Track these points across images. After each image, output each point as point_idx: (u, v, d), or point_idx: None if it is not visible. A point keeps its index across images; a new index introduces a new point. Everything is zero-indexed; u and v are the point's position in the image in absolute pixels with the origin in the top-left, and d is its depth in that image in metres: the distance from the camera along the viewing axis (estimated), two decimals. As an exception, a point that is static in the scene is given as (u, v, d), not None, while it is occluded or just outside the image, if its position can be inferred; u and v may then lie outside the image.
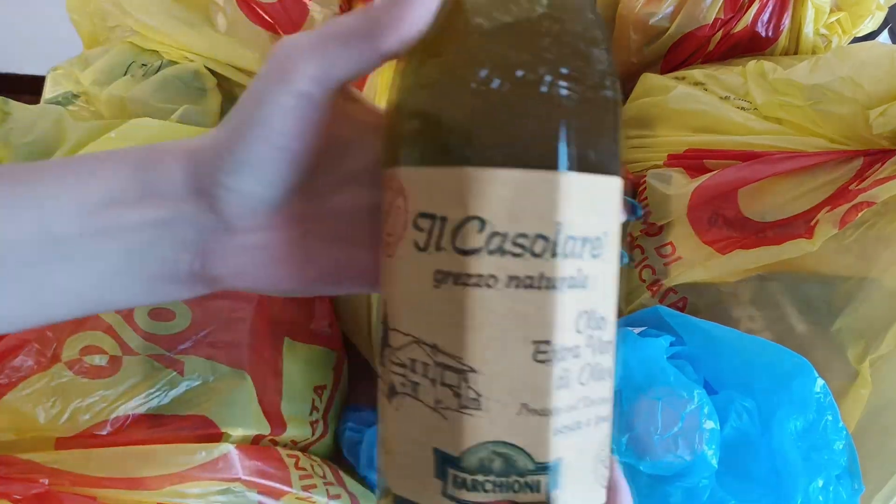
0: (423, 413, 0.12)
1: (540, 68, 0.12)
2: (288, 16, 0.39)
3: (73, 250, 0.14)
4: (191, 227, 0.14)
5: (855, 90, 0.28)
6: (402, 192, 0.12)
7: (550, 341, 0.12)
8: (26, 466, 0.21)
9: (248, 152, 0.13)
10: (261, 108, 0.13)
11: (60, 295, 0.14)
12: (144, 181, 0.14)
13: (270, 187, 0.14)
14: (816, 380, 0.23)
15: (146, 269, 0.14)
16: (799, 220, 0.28)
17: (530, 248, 0.11)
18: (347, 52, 0.13)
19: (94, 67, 0.36)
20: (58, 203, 0.14)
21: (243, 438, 0.26)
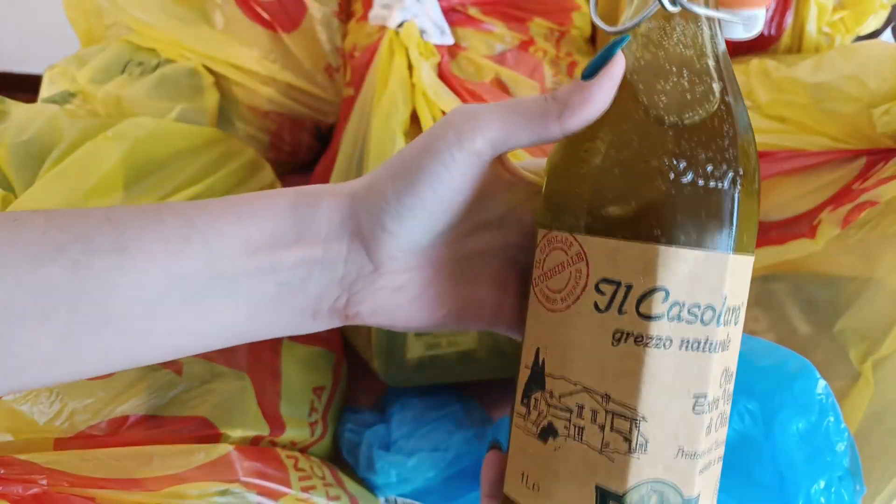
0: (587, 454, 0.14)
1: (723, 166, 0.14)
2: (286, 13, 0.39)
3: (234, 286, 0.15)
4: (343, 267, 0.16)
5: (859, 89, 0.27)
6: (583, 258, 0.14)
7: (706, 395, 0.14)
8: (24, 467, 0.21)
9: (415, 200, 0.15)
10: (433, 160, 0.15)
11: (216, 326, 0.15)
12: (302, 222, 0.15)
13: (426, 234, 0.16)
14: (818, 381, 0.23)
15: (295, 304, 0.16)
16: (802, 219, 0.28)
17: (701, 316, 0.14)
18: (528, 126, 0.15)
19: (91, 66, 0.36)
20: (222, 242, 0.15)
21: (242, 439, 0.26)
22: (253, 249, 0.15)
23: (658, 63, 0.15)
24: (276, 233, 0.15)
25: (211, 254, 0.15)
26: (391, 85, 0.31)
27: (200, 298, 0.15)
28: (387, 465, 0.28)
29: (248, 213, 0.15)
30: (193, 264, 0.14)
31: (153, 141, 0.29)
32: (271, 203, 0.16)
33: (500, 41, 0.39)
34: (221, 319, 0.15)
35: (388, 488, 0.28)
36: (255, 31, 0.38)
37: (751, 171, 0.14)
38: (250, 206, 0.15)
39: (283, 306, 0.16)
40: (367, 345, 0.32)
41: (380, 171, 0.16)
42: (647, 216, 0.14)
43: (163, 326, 0.14)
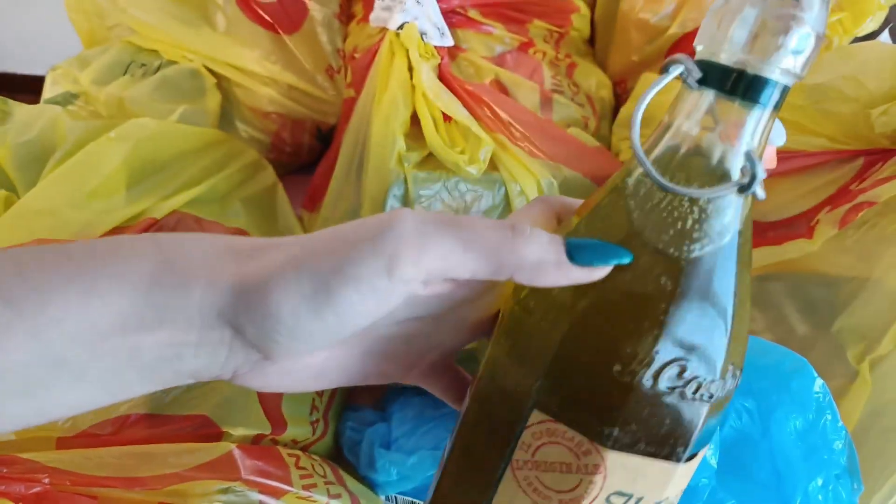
0: None
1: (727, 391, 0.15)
2: (287, 15, 0.39)
3: (81, 373, 0.12)
4: (226, 353, 0.13)
5: (856, 89, 0.28)
6: (601, 471, 0.14)
7: None
8: (27, 466, 0.21)
9: (318, 325, 0.12)
10: (350, 287, 0.12)
11: (66, 406, 0.13)
12: (164, 308, 0.12)
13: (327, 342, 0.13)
14: (816, 379, 0.23)
15: (165, 377, 0.13)
16: (800, 220, 0.28)
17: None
18: (477, 263, 0.12)
19: (93, 67, 0.36)
20: (58, 330, 0.12)
21: (244, 438, 0.26)
22: (101, 335, 0.12)
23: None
24: (129, 318, 0.12)
25: (44, 344, 0.12)
26: (391, 86, 0.31)
27: (40, 390, 0.12)
28: (388, 463, 0.28)
29: (89, 293, 0.12)
30: (22, 357, 0.12)
31: (155, 142, 0.29)
32: (120, 281, 0.12)
33: (499, 43, 0.39)
34: (72, 402, 0.13)
35: (388, 486, 0.28)
36: (257, 32, 0.38)
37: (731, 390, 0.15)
38: (93, 285, 0.12)
39: (150, 382, 0.13)
40: (368, 344, 0.32)
41: (274, 271, 0.12)
42: (673, 433, 0.14)
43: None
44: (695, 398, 0.14)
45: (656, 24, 0.38)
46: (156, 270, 0.13)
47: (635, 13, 0.39)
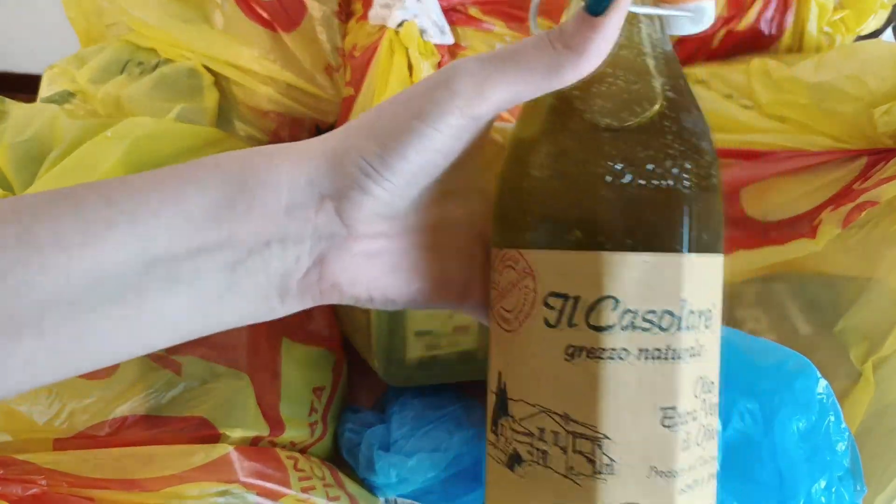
0: (552, 479, 0.13)
1: (666, 163, 0.13)
2: (286, 13, 0.39)
3: (174, 274, 0.13)
4: (311, 235, 0.14)
5: (859, 88, 0.27)
6: (531, 273, 0.14)
7: (676, 407, 0.13)
8: (24, 467, 0.21)
9: (403, 164, 0.13)
10: (429, 124, 0.13)
11: (158, 324, 0.13)
12: (255, 187, 0.13)
13: (405, 198, 0.14)
14: (819, 380, 0.23)
15: (256, 288, 0.14)
16: (802, 219, 0.28)
17: (658, 323, 0.13)
18: (541, 81, 0.13)
19: (91, 65, 0.36)
20: (154, 222, 0.12)
21: (242, 440, 0.26)
22: (194, 227, 0.13)
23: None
24: (222, 203, 0.13)
25: (141, 239, 0.12)
26: (391, 84, 0.31)
27: (133, 294, 0.12)
28: (387, 465, 0.28)
29: (184, 183, 0.13)
30: (121, 254, 0.12)
31: (153, 141, 0.29)
32: (213, 168, 0.13)
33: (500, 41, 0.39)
34: (162, 316, 0.13)
35: (388, 489, 0.28)
36: (255, 30, 0.38)
37: (702, 168, 0.14)
38: (187, 175, 0.13)
39: (241, 292, 0.13)
40: (367, 345, 0.32)
41: (357, 129, 0.14)
42: (589, 223, 0.13)
43: (92, 330, 0.12)
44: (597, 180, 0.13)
45: (657, 22, 0.38)
46: (243, 159, 0.13)
47: (636, 11, 0.38)
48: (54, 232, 0.12)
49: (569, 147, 0.14)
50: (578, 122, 0.14)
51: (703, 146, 0.14)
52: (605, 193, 0.13)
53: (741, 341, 0.25)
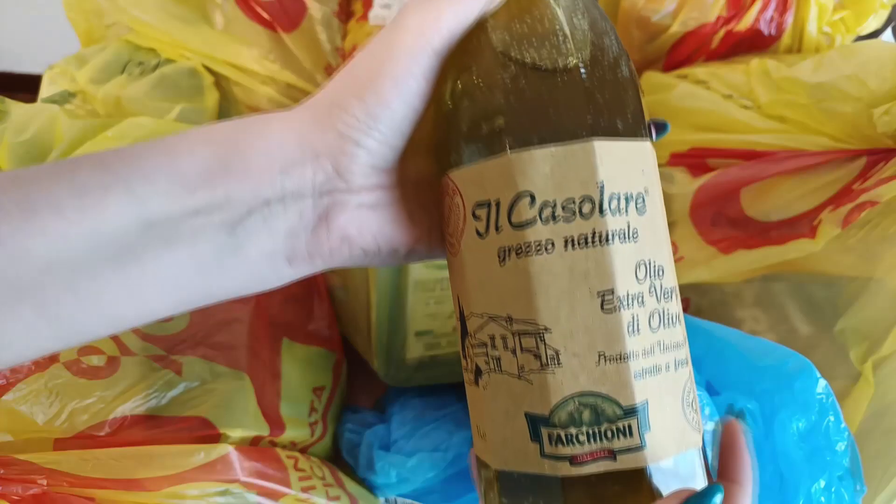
0: (509, 384, 0.13)
1: (559, 57, 0.13)
2: (286, 13, 0.39)
3: (172, 235, 0.13)
4: (311, 192, 0.14)
5: (859, 88, 0.27)
6: (458, 191, 0.14)
7: (613, 290, 0.13)
8: (24, 467, 0.21)
9: (385, 111, 0.14)
10: (399, 66, 0.14)
11: (160, 288, 0.13)
12: (247, 149, 0.13)
13: (393, 148, 0.14)
14: (819, 380, 0.23)
15: (260, 249, 0.14)
16: (802, 219, 0.28)
17: (579, 210, 0.13)
18: (467, 4, 0.14)
19: (91, 66, 0.36)
20: (150, 184, 0.12)
21: (242, 439, 0.26)
22: (189, 187, 0.13)
23: None
24: (215, 165, 0.13)
25: (137, 201, 0.12)
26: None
27: (132, 257, 0.12)
28: (387, 465, 0.28)
29: (176, 149, 0.13)
30: (117, 217, 0.12)
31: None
32: (204, 135, 0.13)
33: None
34: (163, 279, 0.13)
35: (388, 488, 0.28)
36: (255, 30, 0.38)
37: (602, 58, 0.14)
38: (178, 142, 0.13)
39: (244, 254, 0.13)
40: (367, 345, 0.32)
41: (337, 87, 0.14)
42: (496, 129, 0.13)
43: (92, 295, 0.12)
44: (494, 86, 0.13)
45: (657, 22, 0.38)
46: (234, 124, 0.14)
47: (636, 11, 0.38)
48: (51, 199, 0.12)
49: (471, 64, 0.14)
50: (477, 41, 0.14)
51: (601, 40, 0.14)
52: (503, 96, 0.13)
53: (741, 341, 0.25)
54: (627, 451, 0.12)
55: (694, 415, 0.14)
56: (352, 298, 0.32)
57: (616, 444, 0.12)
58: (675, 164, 0.33)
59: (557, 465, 0.13)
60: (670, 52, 0.39)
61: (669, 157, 0.34)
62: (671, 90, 0.34)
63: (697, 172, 0.32)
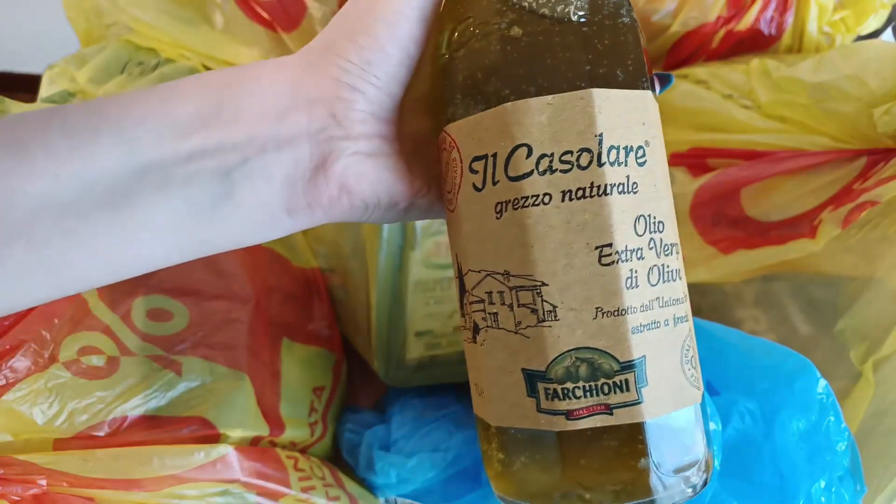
0: (506, 339, 0.13)
1: (556, 7, 0.13)
2: (286, 13, 0.39)
3: (165, 180, 0.12)
4: (307, 139, 0.14)
5: (859, 88, 0.27)
6: (455, 145, 0.14)
7: (612, 244, 0.12)
8: (24, 467, 0.21)
9: (380, 55, 0.13)
10: (389, 6, 0.13)
11: (152, 234, 0.13)
12: (240, 95, 0.13)
13: (391, 93, 0.14)
14: (819, 380, 0.23)
15: (257, 198, 0.13)
16: (802, 219, 0.28)
17: (576, 161, 0.12)
18: None
19: (91, 66, 0.36)
20: (142, 128, 0.12)
21: (242, 440, 0.26)
22: (182, 132, 0.13)
23: None
24: (208, 110, 0.13)
25: (129, 144, 0.12)
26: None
27: (124, 201, 0.12)
28: (387, 465, 0.28)
29: (169, 94, 0.13)
30: (108, 159, 0.12)
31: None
32: (196, 81, 0.13)
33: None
34: (157, 224, 0.13)
35: (387, 489, 0.28)
36: (255, 30, 0.38)
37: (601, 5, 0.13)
38: (172, 88, 0.13)
39: (240, 201, 0.13)
40: (367, 345, 0.32)
41: (330, 31, 0.14)
42: (493, 80, 0.13)
43: (84, 238, 0.12)
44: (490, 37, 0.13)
45: (657, 22, 0.38)
46: (227, 72, 0.14)
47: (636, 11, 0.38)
48: (43, 141, 0.12)
49: (465, 11, 0.14)
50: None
51: None
52: (499, 45, 0.13)
53: (741, 341, 0.25)
54: (624, 405, 0.12)
55: (693, 371, 0.14)
56: (352, 298, 0.32)
57: (612, 398, 0.12)
58: (675, 164, 0.33)
59: (554, 420, 0.12)
60: (670, 51, 0.39)
61: (669, 157, 0.34)
62: (671, 90, 0.34)
63: (697, 172, 0.32)
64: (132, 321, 0.26)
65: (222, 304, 0.28)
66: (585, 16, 0.13)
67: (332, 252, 0.33)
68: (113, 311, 0.25)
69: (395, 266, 0.29)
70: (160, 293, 0.26)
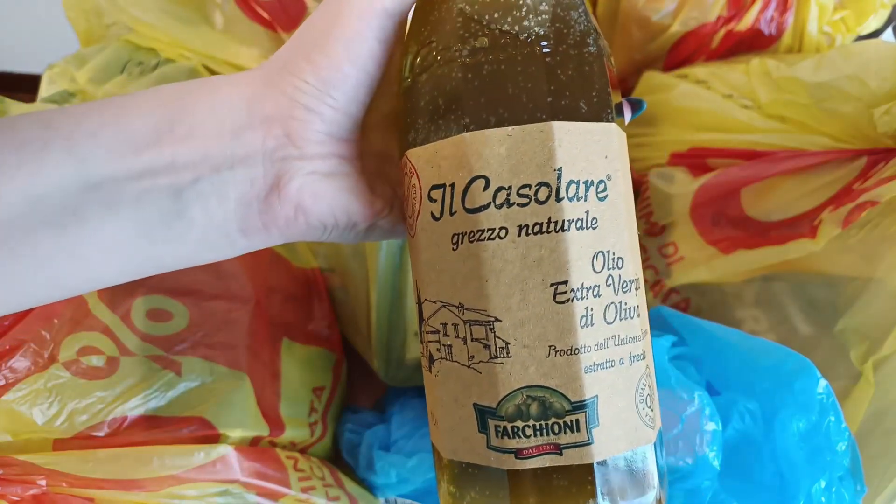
0: (459, 373, 0.13)
1: (520, 35, 0.13)
2: (286, 13, 0.39)
3: (115, 197, 0.12)
4: (262, 158, 0.13)
5: (859, 88, 0.27)
6: (415, 172, 0.14)
7: (567, 281, 0.12)
8: (23, 468, 0.21)
9: (336, 75, 0.13)
10: (348, 28, 0.13)
11: (107, 247, 0.12)
12: (195, 112, 0.13)
13: (349, 113, 0.14)
14: (819, 380, 0.23)
15: (209, 215, 0.13)
16: (802, 219, 0.28)
17: (534, 196, 0.12)
18: None
19: (91, 65, 0.36)
20: (93, 141, 0.12)
21: (241, 440, 0.26)
22: (134, 148, 0.12)
23: None
24: (162, 124, 0.12)
25: (77, 159, 0.12)
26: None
27: (73, 219, 0.12)
28: (387, 465, 0.28)
29: (123, 107, 0.12)
30: (57, 175, 0.12)
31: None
32: (153, 94, 0.13)
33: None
34: (106, 243, 0.12)
35: (387, 489, 0.28)
36: (255, 30, 0.38)
37: (567, 35, 0.13)
38: (127, 101, 0.13)
39: (192, 220, 0.13)
40: (367, 345, 0.32)
41: (289, 49, 0.14)
42: (453, 109, 0.13)
43: (30, 256, 0.12)
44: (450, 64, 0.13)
45: (657, 22, 0.38)
46: (180, 87, 0.13)
47: (636, 11, 0.38)
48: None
49: (428, 35, 0.14)
50: (436, 11, 0.14)
51: (567, 14, 0.13)
52: (461, 73, 0.13)
53: (741, 341, 0.25)
54: (574, 446, 0.12)
55: (648, 411, 0.13)
56: (352, 298, 0.32)
57: (563, 438, 0.12)
58: (675, 164, 0.33)
59: (503, 458, 0.12)
60: (670, 51, 0.39)
61: (669, 157, 0.34)
62: (671, 90, 0.34)
63: (697, 172, 0.32)
64: (132, 321, 0.26)
65: (222, 304, 0.28)
66: (548, 44, 0.13)
67: (332, 252, 0.33)
68: (113, 311, 0.25)
69: (395, 266, 0.29)
70: (160, 293, 0.26)
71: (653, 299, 0.32)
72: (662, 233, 0.32)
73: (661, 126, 0.35)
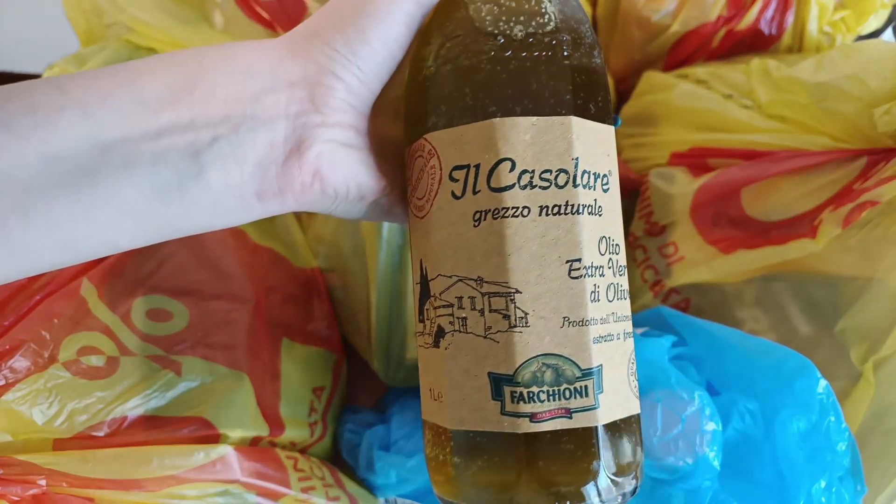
0: (474, 344, 0.14)
1: (546, 36, 0.14)
2: (286, 13, 0.39)
3: (131, 159, 0.12)
4: (284, 121, 0.13)
5: (859, 88, 0.27)
6: (435, 153, 0.14)
7: (580, 259, 0.14)
8: (23, 468, 0.21)
9: (366, 48, 0.14)
10: (380, 8, 0.14)
11: (116, 215, 0.12)
12: (216, 73, 0.13)
13: (371, 88, 0.15)
14: (819, 381, 0.23)
15: (226, 177, 0.13)
16: (803, 219, 0.28)
17: (554, 180, 0.14)
18: None
19: (91, 65, 0.36)
20: (107, 106, 0.12)
21: (241, 440, 0.26)
22: (151, 108, 0.12)
23: None
24: (179, 86, 0.12)
25: (93, 122, 0.12)
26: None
27: (87, 178, 0.12)
28: (387, 465, 0.28)
29: (137, 70, 0.12)
30: (71, 137, 0.12)
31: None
32: (169, 58, 0.13)
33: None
34: (121, 204, 0.12)
35: (387, 489, 0.28)
36: (255, 30, 0.38)
37: (582, 45, 0.15)
38: (142, 65, 0.13)
39: (209, 183, 0.13)
40: (367, 345, 0.32)
41: (318, 20, 0.14)
42: (480, 96, 0.14)
43: (43, 217, 0.12)
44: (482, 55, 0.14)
45: (657, 21, 0.38)
46: (204, 49, 0.13)
47: (636, 11, 0.38)
48: (6, 117, 0.12)
49: (455, 32, 0.15)
50: (465, 10, 0.15)
51: (581, 28, 0.15)
52: (491, 67, 0.14)
53: (741, 341, 0.25)
54: (582, 410, 0.13)
55: (635, 383, 0.15)
56: (352, 298, 0.32)
57: (573, 403, 0.13)
58: (675, 164, 0.33)
59: (517, 423, 0.13)
60: (670, 51, 0.39)
61: (669, 157, 0.34)
62: (671, 90, 0.34)
63: (698, 172, 0.32)
64: (132, 321, 0.26)
65: (222, 304, 0.28)
66: (568, 50, 0.14)
67: (332, 252, 0.33)
68: (113, 311, 0.25)
69: (395, 266, 0.29)
70: (160, 293, 0.26)
71: (653, 299, 0.32)
72: (663, 233, 0.32)
73: (661, 126, 0.35)
